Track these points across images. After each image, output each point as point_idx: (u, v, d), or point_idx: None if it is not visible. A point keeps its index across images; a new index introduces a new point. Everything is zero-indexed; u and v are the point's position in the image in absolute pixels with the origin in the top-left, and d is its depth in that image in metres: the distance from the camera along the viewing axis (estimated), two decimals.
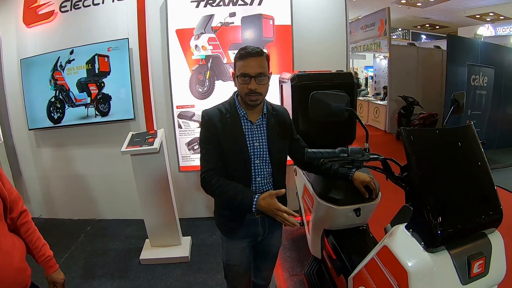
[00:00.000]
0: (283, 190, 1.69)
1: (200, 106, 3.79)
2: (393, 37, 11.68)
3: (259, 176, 1.83)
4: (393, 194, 1.88)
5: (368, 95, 11.92)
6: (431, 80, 8.80)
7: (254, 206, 1.65)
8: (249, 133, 1.79)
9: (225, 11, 3.74)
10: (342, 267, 2.08)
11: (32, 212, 4.53)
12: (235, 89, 1.82)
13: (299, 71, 2.63)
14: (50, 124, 4.11)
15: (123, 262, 3.46)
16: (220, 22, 3.73)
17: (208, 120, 1.78)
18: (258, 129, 1.82)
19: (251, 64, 1.65)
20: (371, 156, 1.60)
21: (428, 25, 15.15)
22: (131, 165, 3.25)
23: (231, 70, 3.68)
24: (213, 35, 3.73)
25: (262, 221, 1.90)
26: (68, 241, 3.95)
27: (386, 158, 1.61)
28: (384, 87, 10.08)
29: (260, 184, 1.85)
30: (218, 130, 1.75)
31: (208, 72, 3.76)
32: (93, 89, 3.94)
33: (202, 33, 3.72)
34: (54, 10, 4.01)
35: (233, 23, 3.74)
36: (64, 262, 3.50)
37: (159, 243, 3.52)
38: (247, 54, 1.66)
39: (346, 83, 2.56)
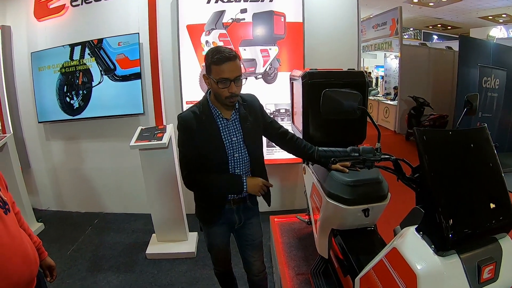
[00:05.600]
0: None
1: None
2: (405, 36, 11.54)
3: (238, 167, 1.93)
4: (402, 195, 1.86)
5: (378, 95, 11.82)
6: (442, 81, 8.67)
7: (245, 186, 1.86)
8: (225, 129, 1.87)
9: (236, 7, 3.73)
10: (349, 268, 2.06)
11: (40, 204, 4.61)
12: (245, 85, 1.86)
13: (310, 69, 2.61)
14: (60, 117, 4.16)
15: (129, 256, 3.49)
16: (231, 18, 3.73)
17: (184, 123, 1.84)
18: (233, 124, 1.89)
19: (230, 69, 1.69)
20: (383, 156, 1.58)
21: (440, 26, 14.97)
22: (140, 159, 3.26)
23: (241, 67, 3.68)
24: (224, 31, 3.73)
25: (238, 210, 2.04)
26: (75, 233, 3.99)
27: (398, 159, 1.59)
28: (395, 87, 9.98)
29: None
30: (194, 132, 1.82)
31: None
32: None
33: (213, 29, 3.72)
34: (65, 4, 4.03)
35: (244, 19, 3.73)
36: (71, 254, 3.53)
37: (165, 238, 3.53)
38: (225, 58, 1.68)
39: (358, 81, 2.52)
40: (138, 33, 3.82)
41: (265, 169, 2.12)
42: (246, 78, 1.85)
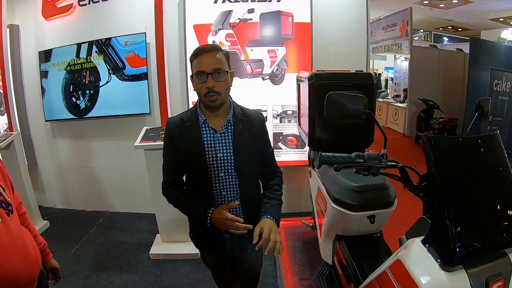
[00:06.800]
0: (236, 202, 1.65)
1: None
2: (415, 38, 11.45)
3: (225, 190, 1.67)
4: (410, 202, 1.81)
5: (388, 97, 11.73)
6: (452, 84, 8.57)
7: (208, 220, 1.60)
8: (211, 142, 1.63)
9: (243, 7, 3.71)
10: (353, 276, 2.02)
11: (46, 201, 4.63)
12: (252, 85, 1.78)
13: (317, 70, 2.57)
14: (66, 116, 4.19)
15: (133, 255, 3.47)
16: (239, 18, 3.70)
17: (168, 129, 1.69)
18: (222, 137, 1.64)
19: (206, 61, 1.53)
20: (389, 163, 1.53)
21: (450, 27, 14.82)
22: (145, 159, 3.25)
23: (248, 67, 3.65)
24: (231, 31, 3.70)
25: (231, 241, 1.76)
26: (80, 231, 3.99)
27: (405, 166, 1.53)
28: (404, 90, 9.89)
29: (227, 199, 1.69)
30: (177, 140, 1.65)
31: None
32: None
33: (220, 29, 3.70)
34: (72, 3, 4.06)
35: (251, 19, 3.71)
36: (75, 253, 3.53)
37: (170, 238, 3.51)
38: (200, 50, 1.56)
39: (365, 84, 2.49)
40: (145, 32, 3.81)
41: (258, 195, 1.81)
42: (228, 75, 1.60)
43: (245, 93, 3.63)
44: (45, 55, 4.13)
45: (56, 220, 4.27)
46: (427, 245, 1.27)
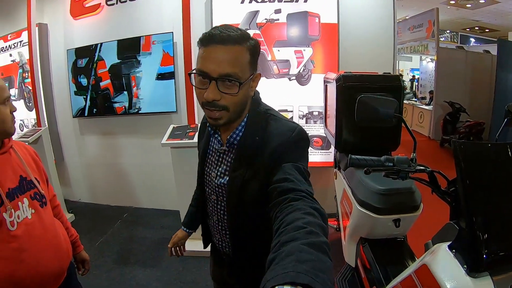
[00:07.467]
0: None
1: None
2: (441, 39, 11.20)
3: (215, 215, 1.32)
4: (435, 206, 1.77)
5: (413, 99, 11.53)
6: (479, 87, 8.34)
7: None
8: (212, 156, 1.28)
9: (270, 7, 3.70)
10: (376, 279, 2.00)
11: (72, 195, 4.75)
12: (279, 86, 1.59)
13: (345, 72, 2.56)
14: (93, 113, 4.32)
15: (156, 251, 3.52)
16: (265, 19, 3.70)
17: (200, 125, 1.42)
18: (224, 155, 1.23)
19: (215, 57, 1.00)
20: (418, 168, 1.51)
21: (477, 28, 14.44)
22: (171, 157, 3.29)
23: (275, 67, 3.64)
24: (257, 32, 3.70)
25: (230, 264, 1.40)
26: (105, 226, 4.08)
27: (434, 171, 1.51)
28: (430, 92, 9.70)
29: (217, 227, 1.35)
30: (200, 139, 1.41)
31: None
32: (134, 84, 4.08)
33: (247, 29, 3.69)
34: (100, 3, 4.16)
35: (278, 20, 3.70)
36: (99, 246, 3.62)
37: (193, 235, 3.51)
38: (211, 37, 1.00)
39: (393, 86, 2.46)
40: (172, 32, 3.86)
41: (262, 245, 1.04)
42: (245, 85, 1.07)
43: (271, 93, 3.64)
44: (73, 54, 4.25)
45: (81, 214, 4.38)
46: (453, 250, 1.25)
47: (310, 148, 1.49)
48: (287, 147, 1.10)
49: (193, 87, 1.07)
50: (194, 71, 1.04)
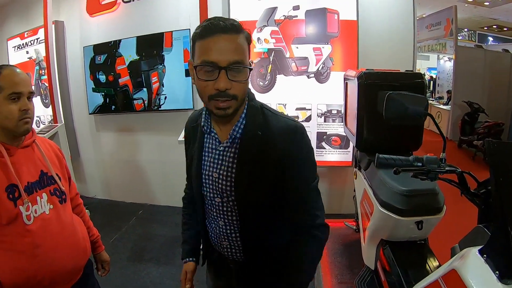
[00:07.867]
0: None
1: (261, 100, 3.73)
2: (459, 38, 11.04)
3: (222, 219, 1.24)
4: (458, 208, 1.71)
5: (430, 98, 11.36)
6: (498, 86, 8.17)
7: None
8: (210, 156, 1.20)
9: (288, 4, 3.66)
10: (397, 283, 1.94)
11: (87, 191, 4.78)
12: (297, 83, 1.53)
13: (366, 69, 2.50)
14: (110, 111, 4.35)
15: (170, 249, 3.51)
16: (284, 15, 3.66)
17: (185, 127, 1.36)
18: (224, 153, 1.17)
19: (221, 47, 0.99)
20: (448, 168, 1.46)
21: (495, 27, 14.19)
22: None
23: (293, 64, 3.59)
24: (276, 28, 3.66)
25: (239, 272, 1.32)
26: (120, 222, 4.09)
27: (464, 172, 1.47)
28: (448, 91, 9.53)
29: (225, 232, 1.25)
30: (189, 140, 1.32)
31: (270, 65, 3.69)
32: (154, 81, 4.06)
33: (265, 26, 3.67)
34: (116, 0, 4.17)
35: (296, 16, 3.65)
36: (113, 243, 3.63)
37: None
38: (213, 28, 0.99)
39: (416, 84, 2.41)
40: (189, 29, 3.85)
41: (276, 244, 1.24)
42: (249, 72, 1.06)
43: (290, 91, 3.62)
44: (90, 51, 4.28)
45: (96, 210, 4.38)
46: (484, 255, 1.18)
47: (328, 147, 1.51)
48: (296, 156, 1.13)
49: (195, 82, 1.06)
50: (200, 64, 1.01)
